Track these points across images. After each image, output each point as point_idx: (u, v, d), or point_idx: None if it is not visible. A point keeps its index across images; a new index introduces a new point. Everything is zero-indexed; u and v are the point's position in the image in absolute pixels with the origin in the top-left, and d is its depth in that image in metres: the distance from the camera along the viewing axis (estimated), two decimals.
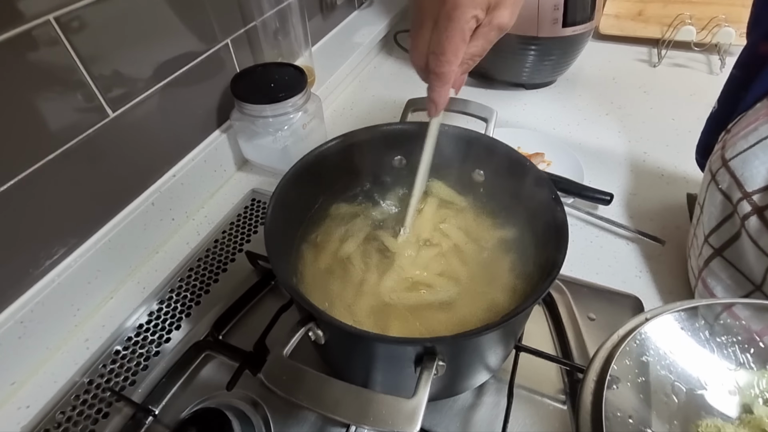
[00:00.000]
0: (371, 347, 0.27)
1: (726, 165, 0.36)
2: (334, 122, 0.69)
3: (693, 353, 0.28)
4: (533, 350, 0.37)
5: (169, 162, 0.52)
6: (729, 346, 0.28)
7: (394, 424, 0.21)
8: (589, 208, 0.52)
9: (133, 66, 0.45)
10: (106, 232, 0.46)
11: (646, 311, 0.28)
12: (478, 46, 0.32)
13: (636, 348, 0.27)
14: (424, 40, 0.32)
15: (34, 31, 0.35)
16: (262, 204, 0.56)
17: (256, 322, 0.43)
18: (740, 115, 0.39)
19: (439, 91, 0.33)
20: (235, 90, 0.53)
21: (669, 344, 0.28)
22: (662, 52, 0.77)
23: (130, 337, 0.43)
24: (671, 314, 0.28)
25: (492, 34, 0.32)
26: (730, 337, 0.28)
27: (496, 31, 0.32)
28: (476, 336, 0.26)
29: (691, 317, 0.28)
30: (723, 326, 0.29)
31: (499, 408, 0.36)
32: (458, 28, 0.30)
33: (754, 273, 0.34)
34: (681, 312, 0.28)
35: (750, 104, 0.39)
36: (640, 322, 0.27)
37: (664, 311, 0.28)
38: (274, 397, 0.37)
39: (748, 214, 0.33)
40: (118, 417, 0.37)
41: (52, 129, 0.39)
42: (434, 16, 0.30)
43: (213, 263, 0.49)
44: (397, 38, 0.87)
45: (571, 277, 0.44)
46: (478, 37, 0.31)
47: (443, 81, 0.32)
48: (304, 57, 0.66)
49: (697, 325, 0.28)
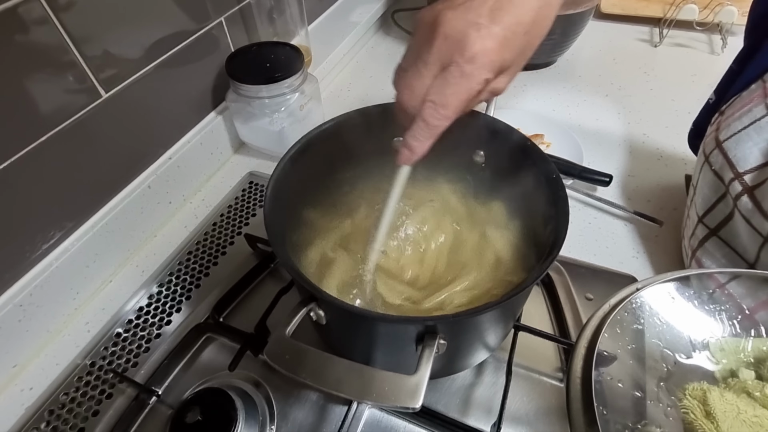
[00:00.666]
0: (373, 327, 0.27)
1: (719, 146, 0.36)
2: (331, 103, 0.68)
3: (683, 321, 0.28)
4: (532, 329, 0.38)
5: (165, 144, 0.51)
6: (717, 313, 0.28)
7: (397, 400, 0.21)
8: (588, 189, 0.52)
9: (125, 45, 0.43)
10: (103, 215, 0.45)
11: (638, 281, 0.29)
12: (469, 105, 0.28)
13: (627, 316, 0.27)
14: (424, 83, 0.27)
15: (20, 8, 0.34)
16: (259, 187, 0.55)
17: (256, 304, 0.43)
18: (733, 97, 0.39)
19: (423, 143, 0.29)
20: (230, 70, 0.52)
21: (659, 313, 0.28)
22: (664, 32, 0.75)
23: (130, 320, 0.43)
24: (662, 284, 0.28)
25: (483, 96, 0.28)
26: (718, 306, 0.29)
27: (489, 94, 0.29)
28: (476, 315, 0.26)
29: (682, 287, 0.29)
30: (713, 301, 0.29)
31: (497, 386, 0.37)
32: (468, 87, 0.26)
33: (747, 252, 0.35)
34: (672, 282, 0.28)
35: (743, 86, 0.39)
36: (631, 291, 0.28)
37: (656, 281, 0.28)
38: (276, 377, 0.38)
39: (739, 194, 0.34)
40: (122, 398, 0.38)
41: (44, 110, 0.38)
42: (443, 62, 0.26)
43: (212, 246, 0.49)
44: (395, 17, 0.85)
45: (569, 258, 0.44)
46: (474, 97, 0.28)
47: (433, 134, 0.28)
48: (300, 36, 0.64)
49: (687, 294, 0.29)
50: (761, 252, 0.33)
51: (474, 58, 0.25)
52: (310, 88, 0.56)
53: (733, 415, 0.24)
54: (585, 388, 0.24)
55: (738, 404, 0.24)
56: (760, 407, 0.24)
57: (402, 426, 0.35)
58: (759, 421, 0.24)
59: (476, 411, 0.36)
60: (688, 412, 0.25)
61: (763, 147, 0.34)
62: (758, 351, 0.27)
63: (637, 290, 0.28)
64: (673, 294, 0.29)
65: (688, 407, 0.25)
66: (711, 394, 0.25)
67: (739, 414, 0.24)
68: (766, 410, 0.24)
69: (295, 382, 0.38)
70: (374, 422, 0.36)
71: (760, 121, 0.34)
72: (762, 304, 0.29)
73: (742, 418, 0.24)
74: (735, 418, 0.24)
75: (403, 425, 0.35)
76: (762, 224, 0.32)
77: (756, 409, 0.24)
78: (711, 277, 0.35)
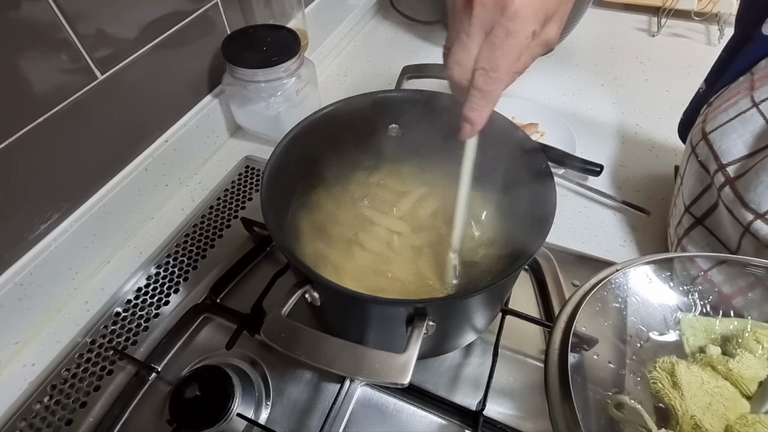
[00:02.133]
0: (365, 308, 0.28)
1: (705, 137, 0.37)
2: (328, 89, 0.68)
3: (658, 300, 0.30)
4: (519, 313, 0.39)
5: (161, 127, 0.51)
6: (690, 294, 0.30)
7: (387, 377, 0.23)
8: (579, 178, 0.53)
9: (121, 26, 0.43)
10: (100, 197, 0.46)
11: (618, 263, 0.30)
12: (523, 62, 0.28)
13: (606, 295, 0.28)
14: (470, 54, 0.27)
15: None
16: (255, 171, 0.56)
17: (252, 286, 0.44)
18: (722, 88, 0.40)
19: (481, 111, 0.29)
20: (226, 53, 0.52)
21: (637, 292, 0.30)
22: (662, 21, 0.75)
23: (129, 300, 0.44)
24: (641, 266, 0.30)
25: (537, 50, 0.28)
26: (692, 287, 0.30)
27: (542, 47, 0.28)
28: (465, 298, 0.27)
29: (660, 269, 0.30)
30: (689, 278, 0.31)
31: (484, 366, 0.38)
32: (516, 44, 0.26)
33: (730, 240, 0.36)
34: (650, 264, 0.30)
35: (731, 78, 0.40)
36: (611, 272, 0.29)
37: (635, 263, 0.30)
38: (271, 356, 0.39)
39: (723, 184, 0.35)
40: (122, 374, 0.39)
41: (40, 92, 0.38)
42: (486, 28, 0.26)
43: (209, 229, 0.50)
44: (393, 1, 0.84)
45: (557, 246, 0.46)
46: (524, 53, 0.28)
47: (489, 100, 0.28)
48: (296, 19, 0.64)
49: (663, 276, 0.30)
50: (742, 241, 0.34)
51: (516, 13, 0.25)
52: (306, 72, 0.56)
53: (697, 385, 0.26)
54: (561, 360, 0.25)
55: (702, 376, 0.26)
56: (722, 379, 0.26)
57: (392, 403, 0.37)
58: (720, 391, 0.26)
59: (463, 389, 0.37)
60: (656, 382, 0.27)
61: (746, 139, 0.35)
62: (725, 329, 0.29)
63: (616, 271, 0.29)
64: (651, 276, 0.30)
65: (657, 378, 0.27)
66: (678, 366, 0.27)
67: (702, 384, 0.26)
68: (727, 382, 0.26)
69: (290, 361, 0.39)
70: (366, 399, 0.37)
71: (745, 113, 0.35)
72: (739, 291, 0.30)
73: (705, 388, 0.26)
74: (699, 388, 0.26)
75: (393, 402, 0.37)
76: (743, 214, 0.33)
77: (718, 380, 0.26)
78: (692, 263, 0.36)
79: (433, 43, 0.77)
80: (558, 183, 0.33)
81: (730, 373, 0.26)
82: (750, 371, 0.26)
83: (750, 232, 0.33)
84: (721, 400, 0.25)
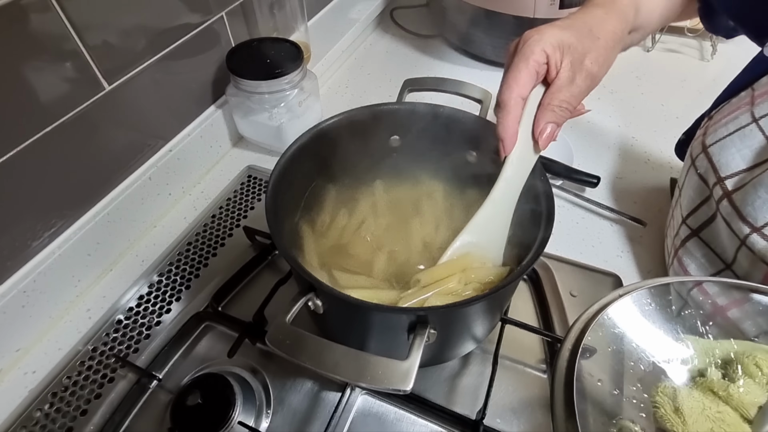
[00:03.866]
0: (368, 316, 0.29)
1: (705, 151, 0.38)
2: (329, 100, 0.69)
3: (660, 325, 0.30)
4: (518, 323, 0.39)
5: (165, 137, 0.52)
6: (692, 319, 0.30)
7: (390, 383, 0.23)
8: (577, 190, 0.54)
9: (129, 37, 0.44)
10: (104, 205, 0.46)
11: (621, 288, 0.30)
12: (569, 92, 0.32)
13: (609, 321, 0.29)
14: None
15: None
16: (258, 180, 0.56)
17: (254, 294, 0.45)
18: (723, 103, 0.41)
19: (501, 122, 0.32)
20: (230, 64, 0.53)
21: (639, 318, 0.30)
22: (656, 37, 0.77)
23: (131, 308, 0.44)
24: (643, 291, 0.30)
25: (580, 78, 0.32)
26: (693, 311, 0.31)
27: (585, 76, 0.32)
28: (466, 307, 0.28)
29: (661, 293, 0.31)
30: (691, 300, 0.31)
31: (483, 376, 0.39)
32: (523, 58, 0.31)
33: (726, 252, 0.36)
34: (652, 288, 0.30)
35: (730, 94, 0.41)
36: (614, 297, 0.29)
37: (637, 288, 0.30)
38: (273, 364, 0.40)
39: (720, 197, 0.35)
40: (124, 382, 0.39)
41: (48, 102, 0.39)
42: None
43: (211, 238, 0.50)
44: (394, 15, 0.86)
45: (556, 256, 0.46)
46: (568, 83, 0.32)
47: (501, 108, 0.32)
48: (299, 32, 0.65)
49: (665, 301, 0.31)
50: (738, 253, 0.35)
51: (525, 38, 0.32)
52: (309, 84, 0.57)
53: (698, 410, 0.26)
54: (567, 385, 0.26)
55: (704, 401, 0.26)
56: (723, 404, 0.26)
57: (392, 412, 0.37)
58: (722, 416, 0.26)
59: (463, 399, 0.38)
60: (659, 407, 0.26)
61: (745, 154, 0.35)
62: (725, 353, 0.29)
63: (619, 296, 0.29)
64: (653, 300, 0.30)
65: (660, 403, 0.27)
66: (680, 392, 0.27)
67: (704, 410, 0.26)
68: (728, 407, 0.26)
69: (291, 369, 0.39)
70: (366, 408, 0.37)
71: (745, 128, 0.35)
72: (734, 302, 0.31)
73: (706, 413, 0.26)
74: (700, 414, 0.26)
75: (393, 411, 0.37)
76: (740, 227, 0.33)
77: (720, 405, 0.26)
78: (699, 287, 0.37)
79: (432, 56, 0.78)
80: (556, 194, 0.34)
81: (730, 398, 0.26)
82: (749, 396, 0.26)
83: (746, 245, 0.33)
84: (723, 426, 0.25)
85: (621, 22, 0.35)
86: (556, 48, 0.31)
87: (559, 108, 0.32)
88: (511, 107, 0.32)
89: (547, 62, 0.32)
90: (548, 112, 0.32)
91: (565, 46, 0.32)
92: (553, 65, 0.32)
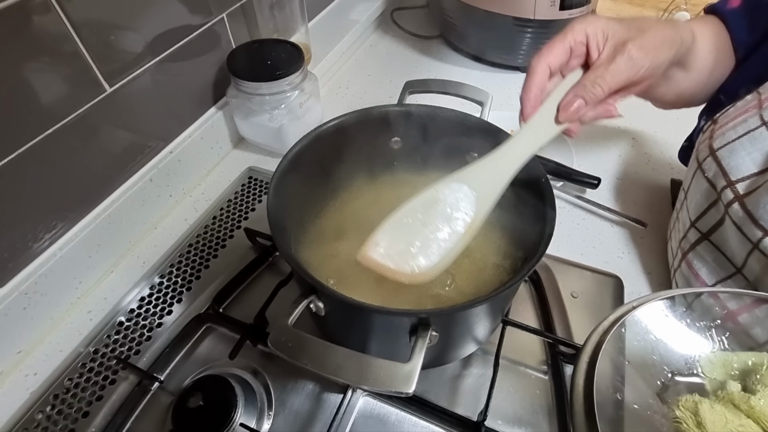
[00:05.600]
0: (370, 318, 0.29)
1: (713, 154, 0.37)
2: (330, 102, 0.69)
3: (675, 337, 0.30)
4: (519, 324, 0.39)
5: (166, 138, 0.52)
6: (707, 329, 0.30)
7: (392, 385, 0.23)
8: (578, 191, 0.54)
9: (130, 39, 0.44)
10: (105, 207, 0.46)
11: (634, 299, 0.30)
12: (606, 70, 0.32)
13: (624, 333, 0.29)
14: None
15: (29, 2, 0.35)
16: (259, 182, 0.56)
17: (255, 296, 0.45)
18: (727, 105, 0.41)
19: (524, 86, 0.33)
20: (231, 66, 0.53)
21: (654, 329, 0.30)
22: None
23: (132, 310, 0.44)
24: (656, 302, 0.30)
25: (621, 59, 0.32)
26: (708, 322, 0.30)
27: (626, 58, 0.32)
28: (467, 309, 0.28)
29: (675, 304, 0.30)
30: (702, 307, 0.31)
31: (485, 377, 0.39)
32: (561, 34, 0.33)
33: (736, 257, 0.36)
34: (665, 300, 0.30)
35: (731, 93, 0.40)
36: (628, 309, 0.29)
37: (650, 299, 0.29)
38: (274, 366, 0.40)
39: (731, 201, 0.35)
40: (125, 384, 0.39)
41: (49, 104, 0.39)
42: None
43: (212, 239, 0.50)
44: (394, 16, 0.86)
45: (557, 257, 0.46)
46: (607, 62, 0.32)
47: (527, 73, 0.33)
48: (300, 33, 0.65)
49: (680, 312, 0.30)
50: (749, 258, 0.34)
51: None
52: (309, 86, 0.57)
53: (721, 424, 0.25)
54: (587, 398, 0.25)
55: (726, 415, 0.26)
56: (745, 417, 0.26)
57: (394, 413, 0.37)
58: (744, 430, 0.25)
59: (464, 400, 0.38)
60: (680, 422, 0.26)
61: (755, 157, 0.35)
62: (744, 365, 0.28)
63: (633, 308, 0.29)
64: (666, 312, 0.30)
65: (681, 418, 0.26)
66: (702, 405, 0.26)
67: (726, 423, 0.25)
68: (750, 420, 0.26)
69: (292, 371, 0.39)
70: (367, 410, 0.37)
71: (754, 131, 0.35)
72: (744, 307, 0.31)
73: (729, 427, 0.25)
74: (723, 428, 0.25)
75: (394, 412, 0.37)
76: (752, 231, 0.33)
77: (741, 419, 0.26)
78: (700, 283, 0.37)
79: (432, 57, 0.78)
80: (556, 195, 0.34)
81: (752, 410, 0.26)
82: None
83: (759, 249, 0.33)
84: None
85: (673, 30, 0.36)
86: (599, 30, 0.32)
87: (591, 83, 0.32)
88: (537, 72, 0.32)
89: (587, 43, 0.33)
90: (579, 86, 0.33)
91: (610, 31, 0.32)
92: (594, 46, 0.33)
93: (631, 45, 0.32)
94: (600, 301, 0.43)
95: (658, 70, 0.35)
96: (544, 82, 0.33)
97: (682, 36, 0.37)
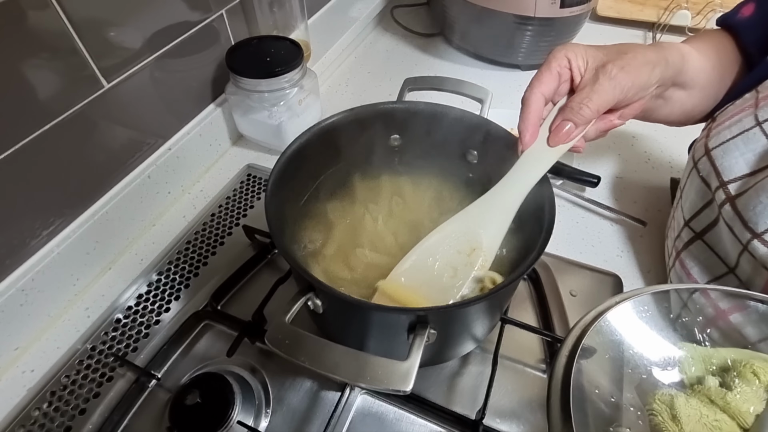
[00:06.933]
0: (368, 316, 0.29)
1: (708, 154, 0.37)
2: (329, 99, 0.69)
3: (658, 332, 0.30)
4: (518, 322, 0.39)
5: (164, 135, 0.52)
6: (691, 325, 0.30)
7: (390, 383, 0.23)
8: (577, 189, 0.54)
9: (128, 35, 0.44)
10: (103, 204, 0.46)
11: (620, 294, 0.30)
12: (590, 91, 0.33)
13: (607, 326, 0.29)
14: None
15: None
16: (257, 179, 0.56)
17: (253, 293, 0.44)
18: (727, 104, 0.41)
19: (521, 117, 0.33)
20: (230, 63, 0.52)
21: (637, 324, 0.30)
22: (657, 36, 0.77)
23: (130, 307, 0.44)
24: (642, 297, 0.30)
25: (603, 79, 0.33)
26: (692, 318, 0.30)
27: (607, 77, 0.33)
28: (465, 307, 0.28)
29: (661, 299, 0.30)
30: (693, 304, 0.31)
31: (483, 376, 0.38)
32: (545, 63, 0.34)
33: (729, 256, 0.36)
34: (652, 294, 0.30)
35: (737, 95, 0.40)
36: (613, 303, 0.29)
37: (636, 294, 0.30)
38: (272, 363, 0.40)
39: (723, 201, 0.35)
40: (122, 381, 0.39)
41: (46, 100, 0.38)
42: None
43: (210, 236, 0.50)
44: (394, 13, 0.86)
45: (556, 255, 0.46)
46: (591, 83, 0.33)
47: (522, 105, 0.34)
48: (299, 30, 0.65)
49: (663, 307, 0.31)
50: (740, 258, 0.34)
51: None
52: (309, 83, 0.57)
53: (696, 418, 0.26)
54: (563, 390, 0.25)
55: (701, 409, 0.26)
56: (720, 412, 0.26)
57: (392, 411, 0.37)
58: (719, 425, 0.25)
59: (462, 399, 0.38)
60: (656, 415, 0.26)
61: (748, 158, 0.34)
62: (723, 361, 0.28)
63: (617, 303, 0.29)
64: (651, 307, 0.30)
65: (657, 410, 0.26)
66: (677, 399, 0.26)
67: (701, 418, 0.26)
68: (725, 415, 0.26)
69: (290, 369, 0.39)
70: (365, 408, 0.37)
71: (748, 132, 0.35)
72: (736, 307, 0.31)
73: (703, 421, 0.26)
74: (697, 422, 0.26)
75: (392, 410, 0.37)
76: (742, 232, 0.33)
77: (717, 414, 0.26)
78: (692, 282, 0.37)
79: (432, 55, 0.78)
80: (556, 194, 0.34)
81: (727, 406, 0.26)
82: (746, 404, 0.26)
83: (748, 250, 0.33)
84: None
85: (655, 52, 0.36)
86: (578, 55, 0.33)
87: (577, 105, 0.33)
88: (532, 102, 0.33)
89: (570, 67, 0.33)
90: (566, 109, 0.33)
91: (590, 56, 0.34)
92: (576, 70, 0.34)
93: (611, 66, 0.33)
94: (599, 300, 0.43)
95: (643, 92, 0.35)
96: (540, 110, 0.33)
97: (666, 57, 0.37)
